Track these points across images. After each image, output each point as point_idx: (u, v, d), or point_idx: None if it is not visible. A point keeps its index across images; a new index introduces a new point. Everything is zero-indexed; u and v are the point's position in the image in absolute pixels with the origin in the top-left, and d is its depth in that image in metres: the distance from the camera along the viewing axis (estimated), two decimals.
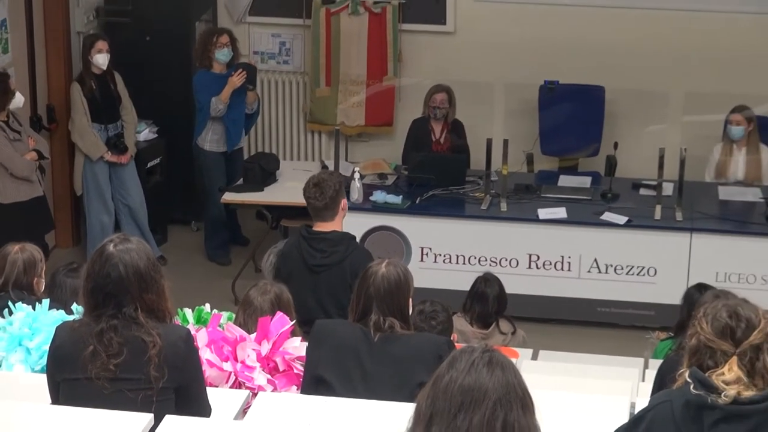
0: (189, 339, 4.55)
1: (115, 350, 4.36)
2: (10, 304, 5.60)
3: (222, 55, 10.37)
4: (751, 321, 4.22)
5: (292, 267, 7.12)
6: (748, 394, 4.19)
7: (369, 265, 5.43)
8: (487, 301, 7.90)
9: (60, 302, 5.72)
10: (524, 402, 3.42)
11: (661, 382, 5.37)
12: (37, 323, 5.42)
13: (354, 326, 5.27)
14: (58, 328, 4.61)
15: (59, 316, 5.41)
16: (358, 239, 9.49)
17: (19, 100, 9.28)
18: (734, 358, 4.21)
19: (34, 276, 6.31)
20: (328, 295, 6.99)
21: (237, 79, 10.26)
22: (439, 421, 3.41)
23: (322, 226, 7.19)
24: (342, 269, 6.97)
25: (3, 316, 5.52)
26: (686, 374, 4.29)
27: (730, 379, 4.17)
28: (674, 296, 8.25)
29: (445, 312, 6.93)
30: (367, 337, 5.17)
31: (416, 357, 3.64)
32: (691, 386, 4.23)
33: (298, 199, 9.99)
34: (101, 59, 9.96)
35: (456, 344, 7.20)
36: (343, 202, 7.27)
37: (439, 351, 5.00)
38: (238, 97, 10.41)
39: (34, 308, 5.53)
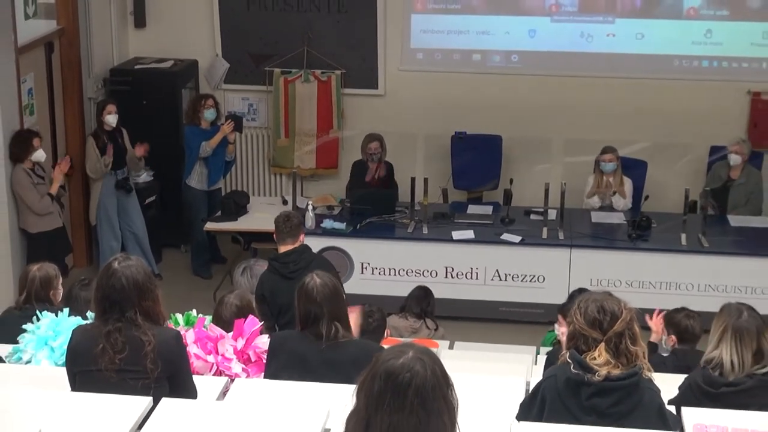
0: (179, 338, 4.59)
1: (120, 347, 4.37)
2: (37, 312, 5.55)
3: (209, 114, 10.41)
4: (615, 313, 4.26)
5: (272, 284, 7.09)
6: (616, 372, 4.22)
7: (302, 280, 5.19)
8: (416, 299, 8.08)
9: (76, 311, 5.67)
10: (445, 380, 3.39)
11: (549, 364, 5.39)
12: (59, 327, 5.39)
13: (303, 336, 5.07)
14: (74, 331, 4.63)
15: (76, 321, 5.37)
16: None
17: (40, 155, 9.19)
18: (602, 345, 4.24)
19: (50, 289, 6.24)
20: None
21: (227, 128, 10.36)
22: (375, 398, 3.38)
23: (286, 248, 7.29)
24: (311, 270, 6.93)
25: (32, 322, 5.46)
26: (566, 355, 4.32)
27: (600, 362, 4.21)
28: (559, 298, 8.31)
29: (380, 312, 6.99)
30: (315, 345, 4.97)
31: (356, 363, 3.61)
32: (571, 366, 4.25)
33: (265, 227, 10.05)
34: (111, 119, 9.95)
35: (390, 338, 7.25)
36: (303, 233, 7.47)
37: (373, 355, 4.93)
38: (219, 147, 10.43)
39: (57, 316, 5.49)
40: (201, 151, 10.32)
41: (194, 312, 6.01)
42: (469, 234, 9.68)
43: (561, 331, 7.40)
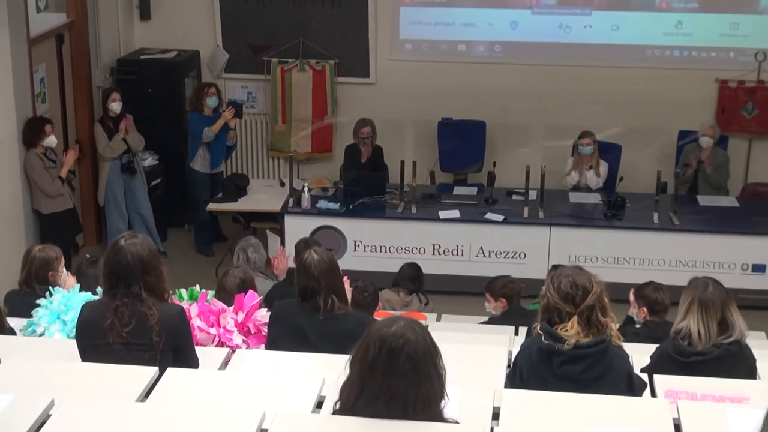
0: (182, 313, 4.60)
1: (126, 321, 4.38)
2: (48, 291, 5.53)
3: (211, 101, 10.39)
4: (586, 288, 4.28)
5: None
6: (585, 340, 4.24)
7: (302, 255, 5.15)
8: (406, 277, 8.11)
9: (85, 287, 5.66)
10: (434, 349, 3.41)
11: (527, 335, 5.41)
12: (71, 302, 5.40)
13: (302, 307, 5.05)
14: (83, 307, 4.64)
15: (87, 296, 5.39)
16: (307, 237, 9.54)
17: (52, 140, 9.17)
18: (575, 317, 4.26)
19: (49, 270, 6.12)
20: None
21: (228, 114, 10.36)
22: (369, 363, 3.39)
23: None
24: None
25: (45, 297, 5.45)
26: (538, 327, 4.35)
27: (572, 333, 4.25)
28: (539, 273, 8.32)
29: (372, 287, 7.00)
30: (313, 316, 4.96)
31: (351, 334, 3.62)
32: (542, 337, 4.28)
33: (264, 207, 10.08)
34: (115, 106, 9.92)
35: (382, 311, 7.26)
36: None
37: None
38: (221, 132, 10.42)
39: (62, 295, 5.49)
40: (204, 136, 10.31)
41: (197, 287, 6.02)
42: (455, 213, 9.69)
43: (492, 306, 7.51)
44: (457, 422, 3.53)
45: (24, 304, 5.69)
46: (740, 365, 4.81)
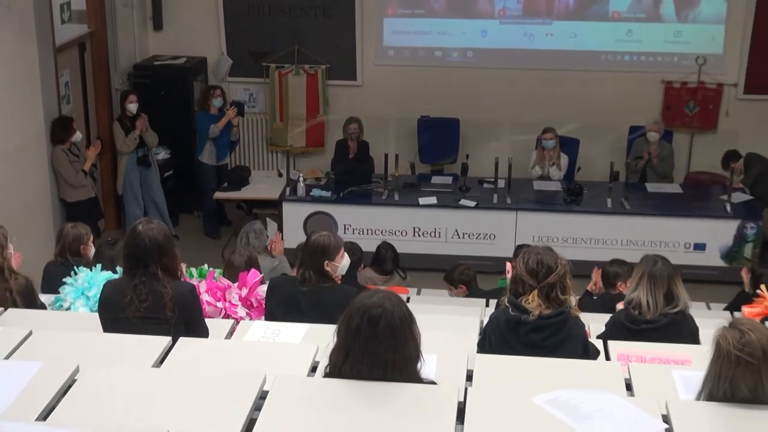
0: (193, 290, 4.59)
1: (144, 298, 4.37)
2: (75, 268, 5.53)
3: (217, 101, 10.37)
4: (551, 267, 4.30)
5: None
6: (547, 312, 4.26)
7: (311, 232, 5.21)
8: (385, 259, 8.00)
9: (103, 266, 5.64)
10: (409, 316, 3.43)
11: (496, 307, 5.42)
12: (94, 280, 5.39)
13: (294, 280, 5.08)
14: (105, 284, 4.64)
15: (108, 275, 5.37)
16: (302, 222, 9.55)
17: (78, 136, 9.17)
18: (536, 291, 4.27)
19: (81, 244, 6.19)
20: None
21: (232, 113, 10.34)
22: (353, 331, 3.41)
23: None
24: None
25: (70, 276, 5.44)
26: (506, 300, 4.37)
27: (534, 305, 4.26)
28: (507, 252, 8.35)
29: (359, 251, 7.04)
30: (300, 288, 4.96)
31: (338, 305, 3.62)
32: (510, 309, 4.29)
33: (264, 195, 10.07)
34: (132, 107, 9.86)
35: (368, 285, 7.26)
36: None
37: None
38: (225, 129, 10.40)
39: (91, 270, 5.47)
40: (210, 132, 10.29)
41: (206, 266, 6.02)
42: (433, 200, 9.69)
43: (453, 293, 7.54)
44: (434, 383, 3.54)
45: (59, 273, 5.73)
46: (684, 332, 4.84)
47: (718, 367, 3.39)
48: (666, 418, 3.33)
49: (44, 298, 5.50)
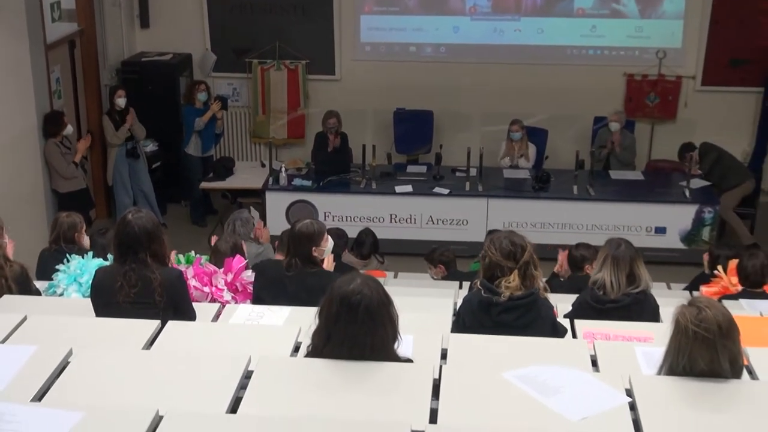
0: (180, 276, 4.57)
1: (134, 283, 4.36)
2: (68, 255, 5.51)
3: (201, 96, 10.33)
4: (523, 246, 4.32)
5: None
6: (518, 293, 4.27)
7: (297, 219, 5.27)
8: (365, 244, 7.99)
9: (95, 253, 5.62)
10: (387, 299, 3.43)
11: (469, 290, 5.43)
12: (86, 267, 5.36)
13: (280, 264, 5.16)
14: (96, 270, 4.61)
15: (99, 262, 5.35)
16: (285, 210, 9.53)
17: (69, 129, 9.12)
18: (516, 271, 4.28)
19: (75, 232, 6.17)
20: None
21: (216, 107, 10.29)
22: (333, 316, 3.41)
23: None
24: None
25: (63, 263, 5.41)
26: (479, 283, 4.38)
27: (514, 285, 4.27)
28: (479, 236, 8.36)
29: (345, 235, 7.23)
30: (286, 273, 5.06)
31: (321, 289, 3.63)
32: (482, 291, 4.30)
33: (248, 185, 10.04)
34: (120, 101, 9.82)
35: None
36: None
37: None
38: (210, 122, 10.36)
39: (83, 257, 5.44)
40: (195, 125, 10.24)
41: (193, 253, 6.00)
42: (408, 188, 9.68)
43: (433, 272, 7.57)
44: (411, 361, 3.55)
45: (53, 260, 5.71)
46: (646, 311, 4.87)
47: (677, 343, 3.43)
48: (629, 392, 3.36)
49: (38, 284, 5.46)
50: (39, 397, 3.33)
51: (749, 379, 3.60)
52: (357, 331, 3.37)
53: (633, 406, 3.28)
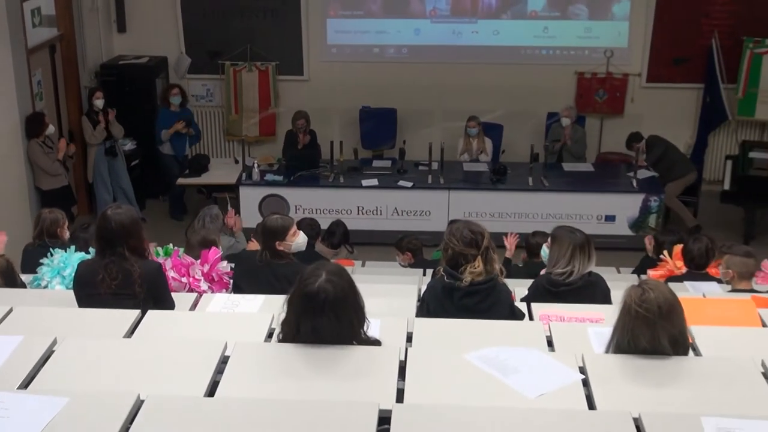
0: (159, 268, 4.54)
1: (114, 276, 4.32)
2: (51, 250, 5.45)
3: (175, 99, 10.28)
4: (482, 233, 4.33)
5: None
6: (479, 279, 4.28)
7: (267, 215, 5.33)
8: (335, 234, 7.97)
9: (78, 247, 5.57)
10: (351, 290, 3.43)
11: (433, 276, 5.45)
12: (68, 260, 5.30)
13: (254, 254, 5.26)
14: (79, 264, 4.57)
15: (82, 255, 5.30)
16: (258, 204, 9.50)
17: (51, 129, 9.04)
18: (479, 258, 4.29)
19: (57, 227, 6.11)
20: None
21: (179, 125, 10.25)
22: (300, 310, 3.41)
23: None
24: None
25: (47, 256, 5.36)
26: (441, 270, 4.38)
27: (479, 270, 4.27)
28: (441, 227, 8.31)
29: (317, 226, 7.35)
30: (258, 263, 5.14)
31: (290, 279, 3.63)
32: (445, 277, 4.31)
33: (222, 180, 9.99)
34: (99, 103, 9.75)
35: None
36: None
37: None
38: (177, 133, 10.34)
39: (66, 251, 5.40)
40: (162, 136, 10.21)
41: (171, 245, 5.96)
42: (374, 182, 9.68)
43: (401, 259, 7.61)
44: (379, 341, 3.56)
45: (37, 254, 5.65)
46: (598, 294, 4.89)
47: (622, 321, 3.50)
48: (582, 370, 3.39)
49: (23, 277, 5.42)
50: (25, 384, 3.30)
51: (693, 356, 3.64)
52: (324, 322, 3.38)
53: (586, 383, 3.31)
